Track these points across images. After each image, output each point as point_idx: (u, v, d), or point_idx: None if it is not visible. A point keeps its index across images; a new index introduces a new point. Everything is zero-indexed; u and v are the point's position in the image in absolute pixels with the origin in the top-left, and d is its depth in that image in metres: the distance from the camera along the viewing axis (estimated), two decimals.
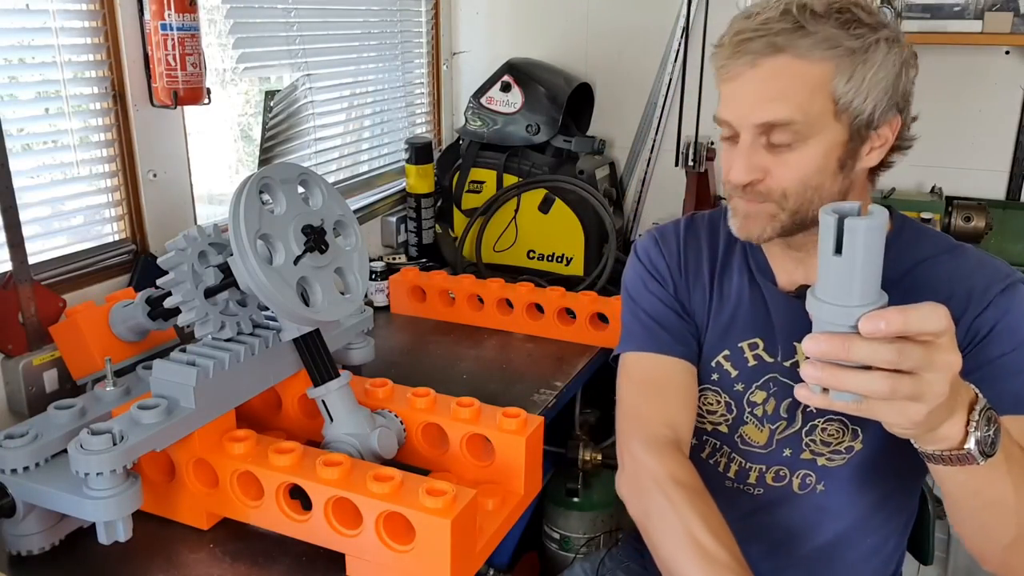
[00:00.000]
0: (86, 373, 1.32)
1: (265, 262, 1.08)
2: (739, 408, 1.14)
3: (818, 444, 1.10)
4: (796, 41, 0.90)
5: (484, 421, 1.19)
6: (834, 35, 0.91)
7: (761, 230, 1.01)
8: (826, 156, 0.95)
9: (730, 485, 1.17)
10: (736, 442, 1.16)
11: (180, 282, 1.11)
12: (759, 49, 0.91)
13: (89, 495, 0.98)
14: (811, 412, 1.09)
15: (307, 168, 1.20)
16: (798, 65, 0.91)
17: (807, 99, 0.92)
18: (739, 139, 0.96)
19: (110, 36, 1.49)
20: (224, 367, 1.12)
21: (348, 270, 1.23)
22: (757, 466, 1.15)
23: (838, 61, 0.91)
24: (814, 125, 0.93)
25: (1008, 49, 2.06)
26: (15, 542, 1.07)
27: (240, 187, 1.08)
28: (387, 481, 1.00)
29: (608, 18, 2.42)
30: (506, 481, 1.18)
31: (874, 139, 0.98)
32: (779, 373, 1.11)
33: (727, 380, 1.14)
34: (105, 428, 1.00)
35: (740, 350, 1.13)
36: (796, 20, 0.91)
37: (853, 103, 0.93)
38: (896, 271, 1.02)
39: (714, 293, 1.16)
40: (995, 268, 1.02)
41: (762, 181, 0.97)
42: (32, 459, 1.05)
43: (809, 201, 0.97)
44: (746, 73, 0.93)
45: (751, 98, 0.93)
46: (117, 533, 1.01)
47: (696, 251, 1.19)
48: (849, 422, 1.08)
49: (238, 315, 1.19)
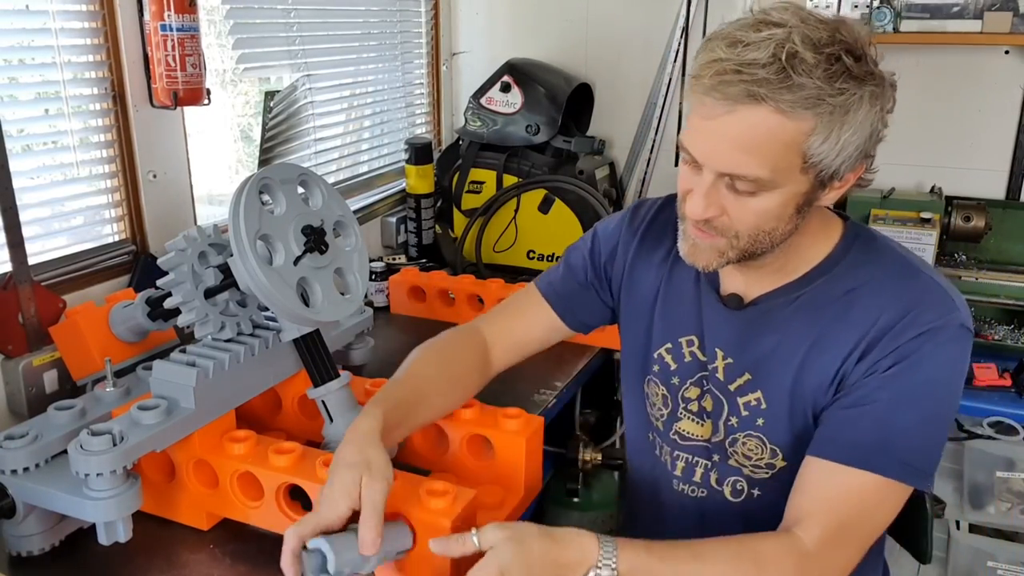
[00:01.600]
0: (86, 374, 1.32)
1: (265, 262, 1.08)
2: (674, 402, 1.15)
3: (740, 456, 1.09)
4: (779, 95, 0.85)
5: (484, 421, 1.19)
6: (818, 91, 0.85)
7: (707, 262, 1.00)
8: (785, 204, 0.93)
9: (677, 487, 1.17)
10: (674, 439, 1.16)
11: (180, 283, 1.11)
12: (738, 95, 0.86)
13: (89, 496, 0.99)
14: (732, 425, 1.08)
15: (307, 169, 1.20)
16: (776, 120, 0.86)
17: (779, 155, 0.88)
18: (702, 171, 0.94)
19: (110, 37, 1.49)
20: (224, 368, 1.12)
21: (348, 270, 1.23)
22: (702, 460, 1.14)
23: (818, 120, 0.87)
24: (780, 179, 0.90)
25: (1007, 49, 2.06)
26: (15, 543, 1.07)
27: (240, 187, 1.08)
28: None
29: (608, 18, 2.42)
30: (506, 481, 1.18)
31: (835, 185, 0.95)
32: (708, 375, 1.11)
33: (666, 373, 1.15)
34: (105, 429, 1.00)
35: (680, 345, 1.14)
36: (783, 69, 0.84)
37: (824, 161, 0.90)
38: (833, 293, 1.01)
39: (663, 283, 1.16)
40: (933, 309, 0.96)
41: (719, 217, 0.96)
42: (32, 460, 1.05)
43: (760, 242, 0.96)
44: (721, 116, 0.88)
45: (722, 144, 0.89)
46: (117, 534, 1.01)
47: (656, 238, 1.19)
48: (767, 440, 1.06)
49: (238, 316, 1.19)
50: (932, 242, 1.97)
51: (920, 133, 2.17)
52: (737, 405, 1.08)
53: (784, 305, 1.04)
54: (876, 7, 2.02)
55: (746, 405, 1.07)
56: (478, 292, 1.83)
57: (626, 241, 1.21)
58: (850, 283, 1.01)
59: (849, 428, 0.96)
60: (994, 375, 1.79)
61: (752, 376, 1.06)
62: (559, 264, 1.29)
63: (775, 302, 1.05)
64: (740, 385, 1.07)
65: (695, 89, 0.91)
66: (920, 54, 2.13)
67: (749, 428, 1.07)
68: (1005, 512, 1.87)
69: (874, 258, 1.03)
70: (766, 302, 1.06)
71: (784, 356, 1.03)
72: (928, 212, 2.01)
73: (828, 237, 1.05)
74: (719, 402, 1.10)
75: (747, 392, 1.07)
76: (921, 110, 2.16)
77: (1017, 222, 2.10)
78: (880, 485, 0.94)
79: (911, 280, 0.99)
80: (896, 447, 0.94)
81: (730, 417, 1.09)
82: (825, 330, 1.00)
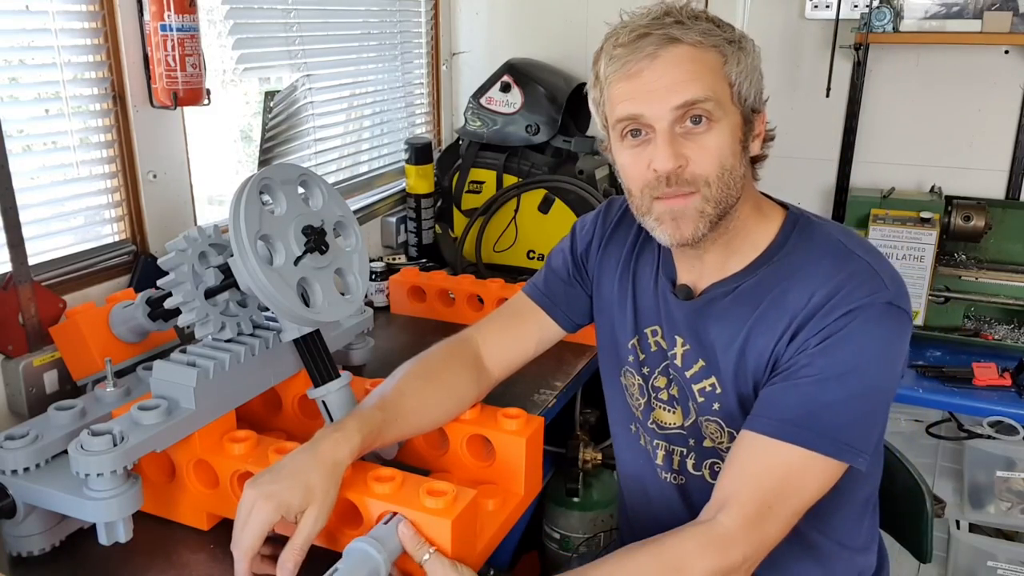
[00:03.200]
0: (86, 374, 1.32)
1: (265, 263, 1.08)
2: (647, 392, 1.19)
3: (710, 439, 1.13)
4: (687, 34, 0.96)
5: (484, 421, 1.19)
6: (712, 28, 0.98)
7: (694, 228, 1.02)
8: (732, 137, 1.00)
9: (661, 475, 1.20)
10: (652, 429, 1.20)
11: (180, 283, 1.11)
12: (657, 42, 0.96)
13: (89, 496, 0.99)
14: (694, 410, 1.13)
15: (307, 169, 1.20)
16: (695, 52, 0.97)
17: (712, 81, 0.97)
18: (653, 132, 0.99)
19: (110, 37, 1.49)
20: (224, 368, 1.12)
21: (348, 271, 1.23)
22: (679, 448, 1.18)
23: (723, 48, 0.98)
24: (722, 106, 0.98)
25: (1007, 49, 2.06)
26: (16, 543, 1.07)
27: (240, 188, 1.08)
28: (388, 481, 1.00)
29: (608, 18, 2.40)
30: (506, 481, 1.18)
31: (756, 125, 1.04)
32: (669, 363, 1.15)
33: (637, 363, 1.20)
34: (105, 429, 1.00)
35: (645, 336, 1.18)
36: (678, 18, 0.98)
37: (743, 87, 1.00)
38: (772, 280, 1.05)
39: (631, 276, 1.20)
40: (861, 288, 0.98)
41: (685, 169, 0.99)
42: (33, 460, 1.05)
43: (727, 185, 1.01)
44: (649, 66, 0.97)
45: (665, 83, 0.96)
46: (118, 534, 1.01)
47: (624, 233, 1.24)
48: (724, 424, 1.10)
49: (238, 316, 1.19)
50: (932, 242, 1.97)
51: (920, 133, 2.17)
52: (694, 391, 1.12)
53: (727, 294, 1.08)
54: (876, 7, 2.03)
55: (701, 391, 1.11)
56: (478, 292, 1.83)
57: (599, 236, 1.27)
58: (788, 269, 1.05)
59: (776, 403, 0.99)
60: (994, 375, 1.79)
61: (705, 363, 1.10)
62: (543, 268, 1.33)
63: (719, 291, 1.09)
64: (695, 372, 1.11)
65: (615, 56, 1.00)
66: (920, 54, 2.13)
67: (707, 413, 1.11)
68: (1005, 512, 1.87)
69: (811, 243, 1.06)
70: (711, 292, 1.10)
71: (727, 342, 1.07)
72: (928, 212, 2.01)
73: (768, 225, 1.09)
74: (681, 387, 1.14)
75: (701, 379, 1.11)
76: (921, 110, 2.16)
77: (1017, 222, 2.10)
78: (805, 459, 0.96)
79: (843, 261, 1.02)
80: (821, 421, 0.96)
81: (691, 403, 1.13)
82: (762, 315, 1.04)
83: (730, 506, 0.96)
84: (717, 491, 0.99)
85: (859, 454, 0.97)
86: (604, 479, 1.98)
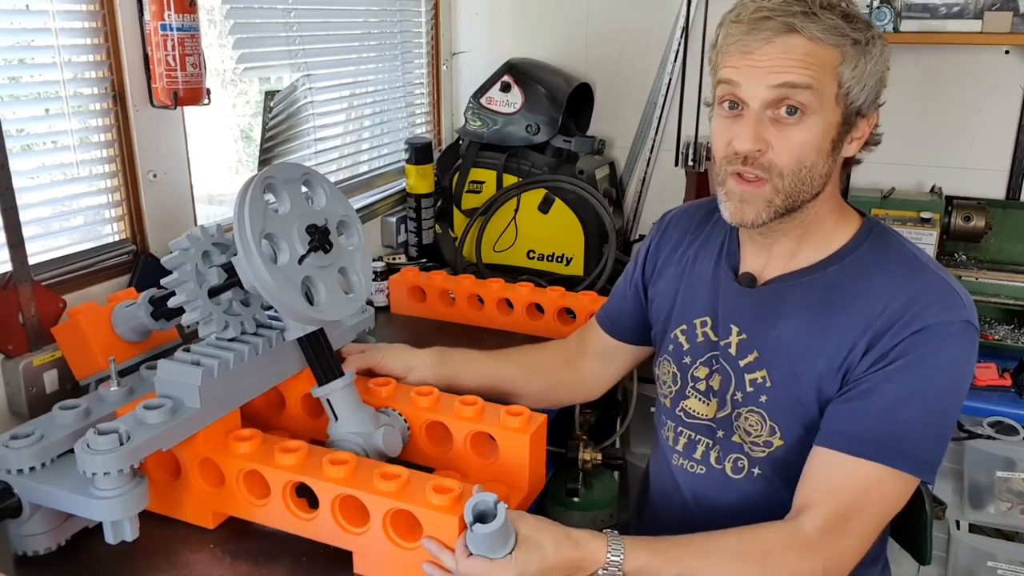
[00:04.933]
0: (89, 374, 1.31)
1: (270, 261, 1.08)
2: (683, 380, 1.20)
3: (743, 432, 1.14)
4: (809, 26, 0.96)
5: (487, 419, 1.20)
6: (840, 25, 0.97)
7: (756, 214, 1.03)
8: (823, 135, 1.00)
9: (677, 461, 1.21)
10: (680, 416, 1.20)
11: (184, 282, 1.11)
12: (776, 28, 0.96)
13: (96, 495, 0.98)
14: (737, 400, 1.13)
15: (310, 168, 1.20)
16: (811, 46, 0.96)
17: (820, 75, 0.97)
18: (745, 110, 0.99)
19: (110, 37, 1.48)
20: (229, 367, 1.12)
21: (351, 269, 1.23)
22: (704, 439, 1.18)
23: (844, 49, 0.97)
24: (822, 100, 0.98)
25: (1008, 49, 2.06)
26: (21, 542, 1.06)
27: (244, 186, 1.08)
28: (394, 479, 1.01)
29: (608, 18, 2.42)
30: (510, 478, 1.19)
31: (857, 129, 1.04)
32: (720, 353, 1.15)
33: (679, 352, 1.20)
34: (111, 428, 1.00)
35: (694, 326, 1.19)
36: (808, 7, 0.96)
37: (853, 90, 0.99)
38: (843, 282, 1.05)
39: (686, 269, 1.22)
40: (939, 303, 0.99)
41: (764, 154, 1.00)
42: (38, 459, 1.05)
43: (802, 181, 1.01)
44: (762, 47, 0.97)
45: (769, 65, 0.97)
46: (124, 533, 1.01)
47: (685, 229, 1.26)
48: (767, 417, 1.10)
49: (241, 315, 1.19)
50: (932, 242, 1.97)
51: (920, 133, 2.17)
52: (744, 381, 1.12)
53: (794, 288, 1.08)
54: (876, 7, 2.03)
55: (752, 382, 1.11)
56: (478, 292, 1.83)
57: (656, 245, 1.30)
58: (860, 273, 1.05)
59: (855, 420, 0.99)
60: (994, 375, 1.79)
61: (759, 355, 1.10)
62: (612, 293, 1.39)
63: (786, 283, 1.09)
64: (749, 362, 1.11)
65: (732, 33, 0.99)
66: (920, 54, 2.13)
67: (752, 404, 1.11)
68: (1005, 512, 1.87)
69: (885, 252, 1.06)
70: (778, 283, 1.10)
71: (789, 339, 1.07)
72: (928, 212, 2.02)
73: (846, 228, 1.10)
74: (728, 377, 1.13)
75: (754, 370, 1.11)
76: (921, 110, 2.16)
77: (1017, 222, 2.11)
78: (883, 475, 0.97)
79: (918, 273, 1.03)
80: (899, 439, 0.97)
81: (736, 392, 1.13)
82: (832, 318, 1.04)
83: (810, 511, 0.97)
84: (796, 500, 1.01)
85: (931, 470, 0.99)
86: (604, 479, 1.98)
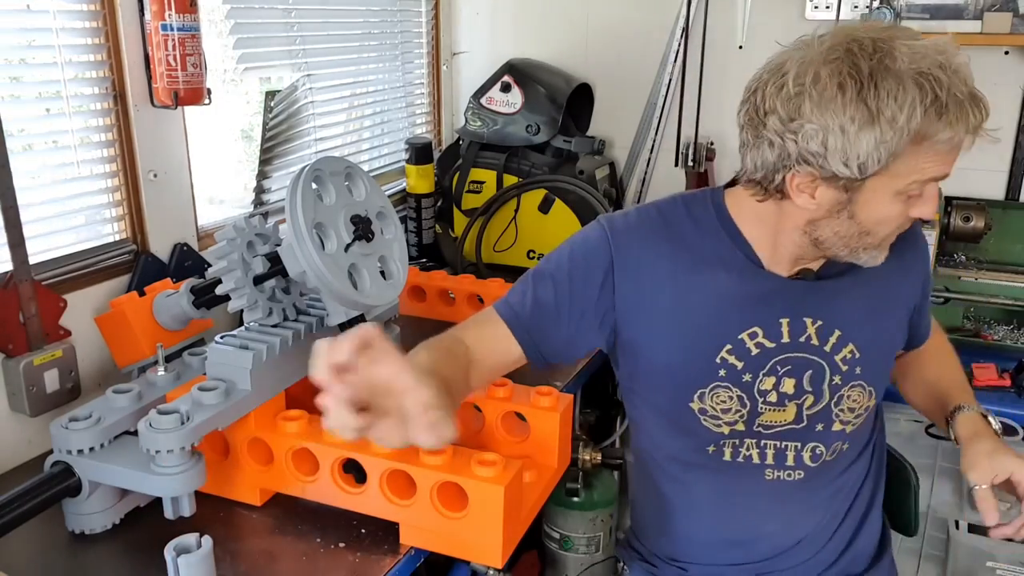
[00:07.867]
0: (132, 361, 1.38)
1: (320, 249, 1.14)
2: (752, 400, 1.15)
3: (846, 412, 1.18)
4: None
5: (518, 399, 1.26)
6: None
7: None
8: None
9: (771, 476, 1.19)
10: (759, 432, 1.17)
11: (231, 270, 1.17)
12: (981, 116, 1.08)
13: (158, 471, 1.03)
14: (836, 384, 1.16)
15: (352, 162, 1.26)
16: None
17: None
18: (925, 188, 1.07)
19: (111, 36, 1.49)
20: (275, 351, 1.19)
21: (390, 258, 1.30)
22: (792, 444, 1.18)
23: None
24: None
25: (1008, 49, 2.06)
26: (78, 521, 1.11)
27: (295, 178, 1.14)
28: (440, 453, 1.06)
29: (608, 18, 2.42)
30: (541, 455, 1.25)
31: None
32: (786, 353, 1.14)
33: (734, 373, 1.14)
34: (172, 408, 1.05)
35: (742, 341, 1.13)
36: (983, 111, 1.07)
37: None
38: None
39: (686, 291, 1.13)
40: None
41: None
42: (97, 440, 1.09)
43: None
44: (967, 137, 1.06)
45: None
46: (182, 508, 1.05)
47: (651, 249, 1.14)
48: (866, 384, 1.18)
49: (283, 302, 1.25)
50: (932, 242, 1.97)
51: None
52: (836, 364, 1.15)
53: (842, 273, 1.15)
54: (876, 7, 2.03)
55: (844, 360, 1.16)
56: (478, 292, 1.83)
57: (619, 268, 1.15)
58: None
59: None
60: (994, 375, 1.79)
61: (841, 332, 1.15)
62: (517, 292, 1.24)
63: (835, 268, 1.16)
64: (834, 343, 1.15)
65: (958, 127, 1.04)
66: None
67: (852, 380, 1.17)
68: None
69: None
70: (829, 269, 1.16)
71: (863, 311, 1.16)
72: None
73: None
74: (819, 369, 1.15)
75: (841, 348, 1.16)
76: None
77: (1017, 222, 2.11)
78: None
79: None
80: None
81: (833, 377, 1.16)
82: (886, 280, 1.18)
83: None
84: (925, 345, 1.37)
85: None
86: (604, 479, 1.98)
